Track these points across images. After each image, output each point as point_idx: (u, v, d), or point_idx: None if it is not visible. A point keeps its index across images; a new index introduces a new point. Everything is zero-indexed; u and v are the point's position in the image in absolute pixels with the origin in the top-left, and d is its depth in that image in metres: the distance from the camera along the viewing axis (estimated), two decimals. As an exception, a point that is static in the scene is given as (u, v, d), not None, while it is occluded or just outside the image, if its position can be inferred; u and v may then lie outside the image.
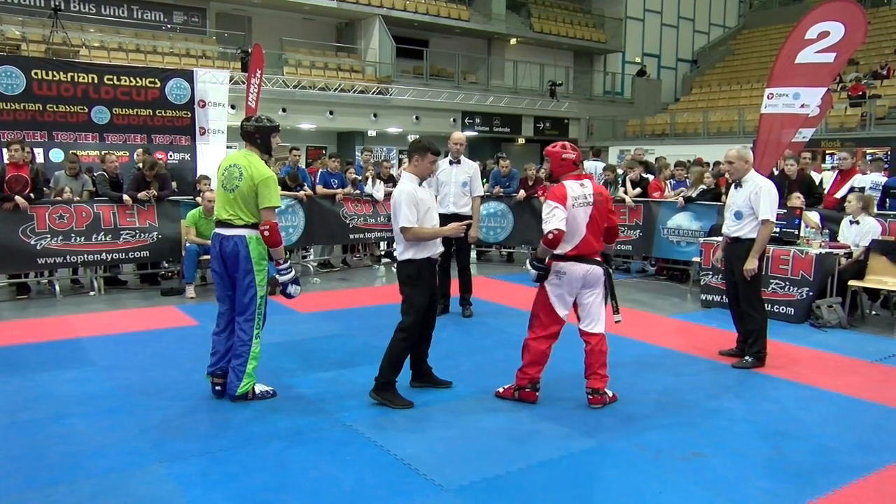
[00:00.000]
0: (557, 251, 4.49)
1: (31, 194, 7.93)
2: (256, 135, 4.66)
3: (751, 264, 5.47)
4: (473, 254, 10.90)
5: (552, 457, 3.88)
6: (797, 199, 7.81)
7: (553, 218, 4.38)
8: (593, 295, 4.62)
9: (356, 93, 19.87)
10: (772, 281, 7.31)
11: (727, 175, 6.86)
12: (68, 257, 8.22)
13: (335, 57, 21.91)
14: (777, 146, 8.36)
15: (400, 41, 21.86)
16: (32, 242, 7.95)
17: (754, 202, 5.46)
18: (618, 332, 6.53)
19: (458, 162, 7.07)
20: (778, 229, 7.43)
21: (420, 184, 4.71)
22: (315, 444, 4.00)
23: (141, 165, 9.10)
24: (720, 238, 7.88)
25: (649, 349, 6.17)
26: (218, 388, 4.80)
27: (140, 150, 9.68)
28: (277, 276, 4.74)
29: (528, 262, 4.67)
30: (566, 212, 4.40)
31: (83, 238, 8.24)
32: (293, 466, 3.72)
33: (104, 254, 8.42)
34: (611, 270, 4.72)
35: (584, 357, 4.68)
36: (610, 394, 4.73)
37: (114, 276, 9.10)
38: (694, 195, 9.38)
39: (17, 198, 7.76)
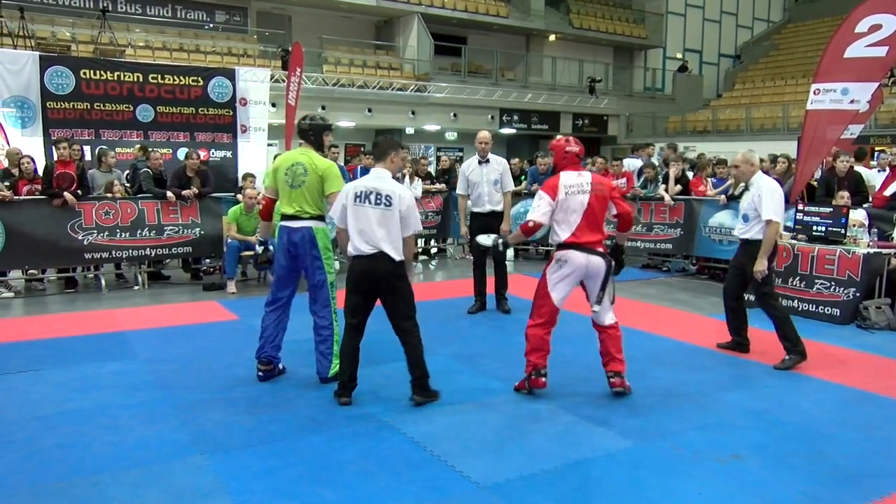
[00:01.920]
0: (557, 238, 4.62)
1: (79, 191, 8.16)
2: (310, 132, 4.99)
3: (759, 266, 5.45)
4: (511, 251, 10.85)
5: (588, 456, 3.86)
6: (843, 198, 7.60)
7: (536, 209, 4.56)
8: (599, 286, 4.65)
9: (394, 90, 19.94)
10: (817, 281, 7.14)
11: (736, 178, 6.80)
12: (113, 252, 8.43)
13: (374, 55, 22.02)
14: (823, 143, 8.16)
15: (438, 38, 21.87)
16: (80, 238, 8.17)
17: (758, 204, 5.46)
18: (658, 332, 6.47)
19: (487, 161, 7.09)
20: (823, 228, 7.26)
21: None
22: (351, 440, 4.04)
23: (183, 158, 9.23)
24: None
25: (689, 349, 6.08)
26: (261, 374, 5.00)
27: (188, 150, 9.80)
28: None
29: (497, 238, 4.84)
30: (553, 204, 4.54)
31: (128, 234, 8.44)
32: (329, 461, 3.76)
33: (148, 249, 8.61)
34: (612, 262, 4.67)
35: (600, 345, 4.74)
36: (627, 383, 4.76)
37: (157, 272, 9.29)
38: (737, 193, 9.20)
39: (66, 194, 7.98)
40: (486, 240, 5.02)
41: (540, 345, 4.69)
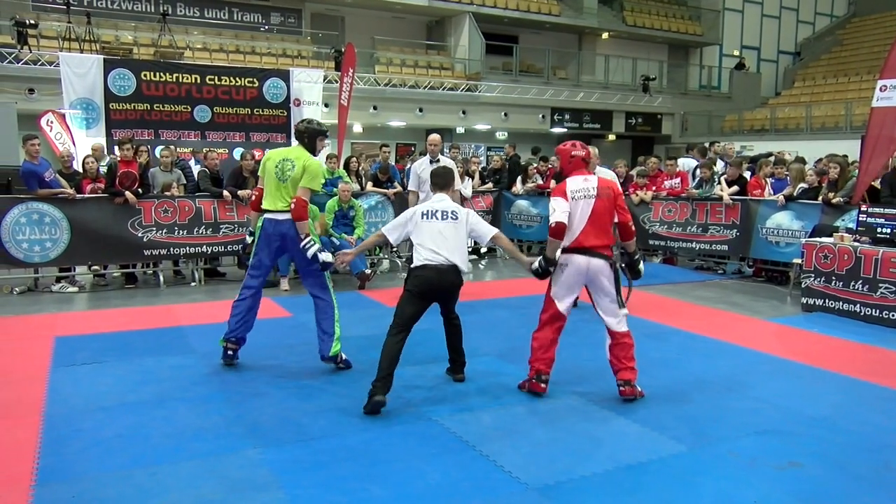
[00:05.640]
0: (563, 244, 4.63)
1: (139, 189, 8.41)
2: (305, 135, 5.19)
3: None
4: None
5: (640, 460, 3.80)
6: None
7: (556, 211, 4.56)
8: (603, 290, 4.61)
9: (445, 90, 19.99)
10: (881, 285, 6.88)
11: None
12: (171, 249, 8.67)
13: (425, 55, 22.11)
14: (889, 142, 7.86)
15: (490, 37, 21.81)
16: (139, 235, 8.42)
17: None
18: (714, 336, 6.33)
19: (438, 161, 7.76)
20: (889, 230, 7.00)
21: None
22: (401, 437, 4.07)
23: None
24: (824, 238, 7.53)
25: (745, 353, 5.93)
26: (230, 353, 5.28)
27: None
28: (307, 251, 5.05)
29: (538, 260, 4.72)
30: (568, 204, 4.54)
31: (185, 231, 8.66)
32: (380, 458, 3.79)
33: (205, 246, 8.83)
34: (620, 265, 4.68)
35: (609, 353, 4.69)
36: (639, 388, 4.68)
37: (213, 268, 9.51)
38: (795, 193, 8.95)
39: (127, 193, 8.24)
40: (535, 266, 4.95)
41: (542, 344, 4.72)
